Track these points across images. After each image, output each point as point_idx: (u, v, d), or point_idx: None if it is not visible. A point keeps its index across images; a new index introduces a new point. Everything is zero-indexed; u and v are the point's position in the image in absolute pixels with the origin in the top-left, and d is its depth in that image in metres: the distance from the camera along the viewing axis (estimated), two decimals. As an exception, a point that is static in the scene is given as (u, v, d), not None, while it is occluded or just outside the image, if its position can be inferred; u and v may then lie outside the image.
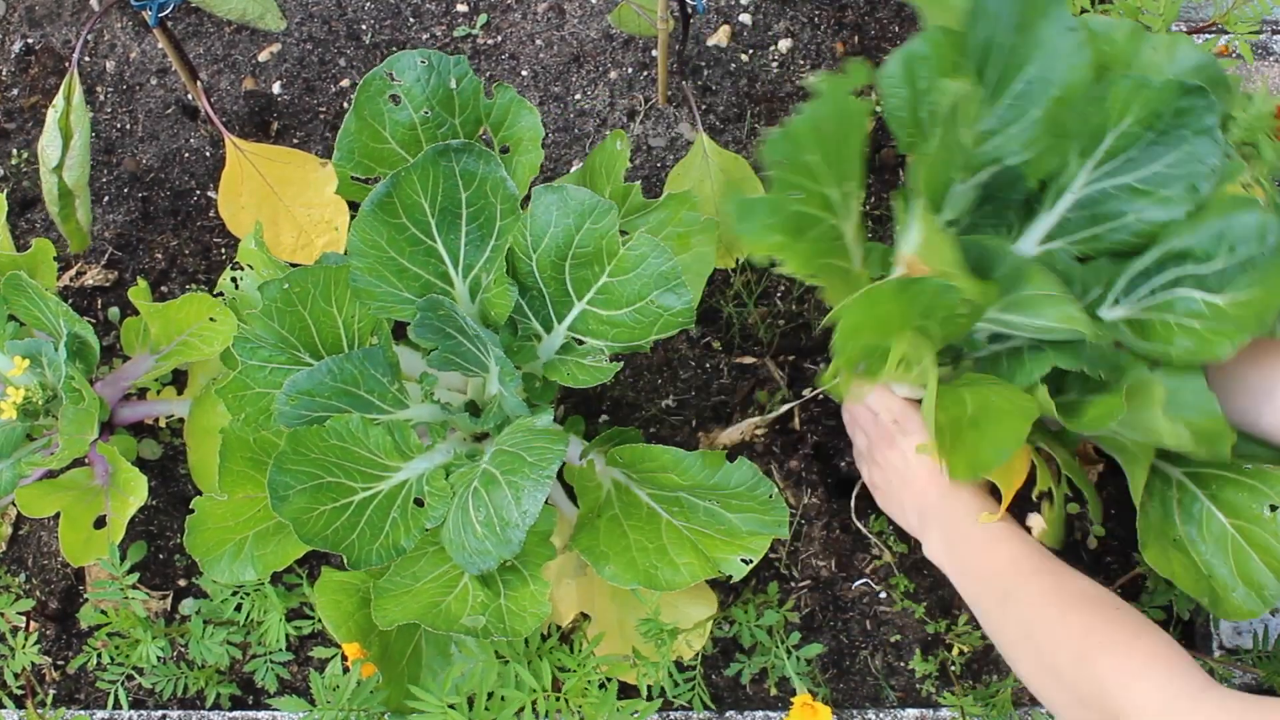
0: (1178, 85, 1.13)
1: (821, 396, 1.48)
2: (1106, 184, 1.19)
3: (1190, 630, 1.41)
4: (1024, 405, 1.09)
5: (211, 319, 1.34)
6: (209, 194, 1.68)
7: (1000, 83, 1.17)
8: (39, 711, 1.41)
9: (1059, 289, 1.10)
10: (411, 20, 1.76)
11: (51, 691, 1.48)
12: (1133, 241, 1.17)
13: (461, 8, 1.76)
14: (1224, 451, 1.10)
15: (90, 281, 1.65)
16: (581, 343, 1.22)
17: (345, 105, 1.70)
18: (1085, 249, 1.21)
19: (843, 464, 1.48)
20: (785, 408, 1.45)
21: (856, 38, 1.70)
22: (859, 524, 1.44)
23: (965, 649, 1.39)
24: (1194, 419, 1.11)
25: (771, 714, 1.38)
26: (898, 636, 1.43)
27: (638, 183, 1.33)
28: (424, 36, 1.75)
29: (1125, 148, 1.17)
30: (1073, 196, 1.20)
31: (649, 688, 1.25)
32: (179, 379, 1.56)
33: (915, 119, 1.18)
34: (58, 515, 1.35)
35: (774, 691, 1.41)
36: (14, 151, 1.74)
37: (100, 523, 1.36)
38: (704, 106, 1.66)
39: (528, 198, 1.21)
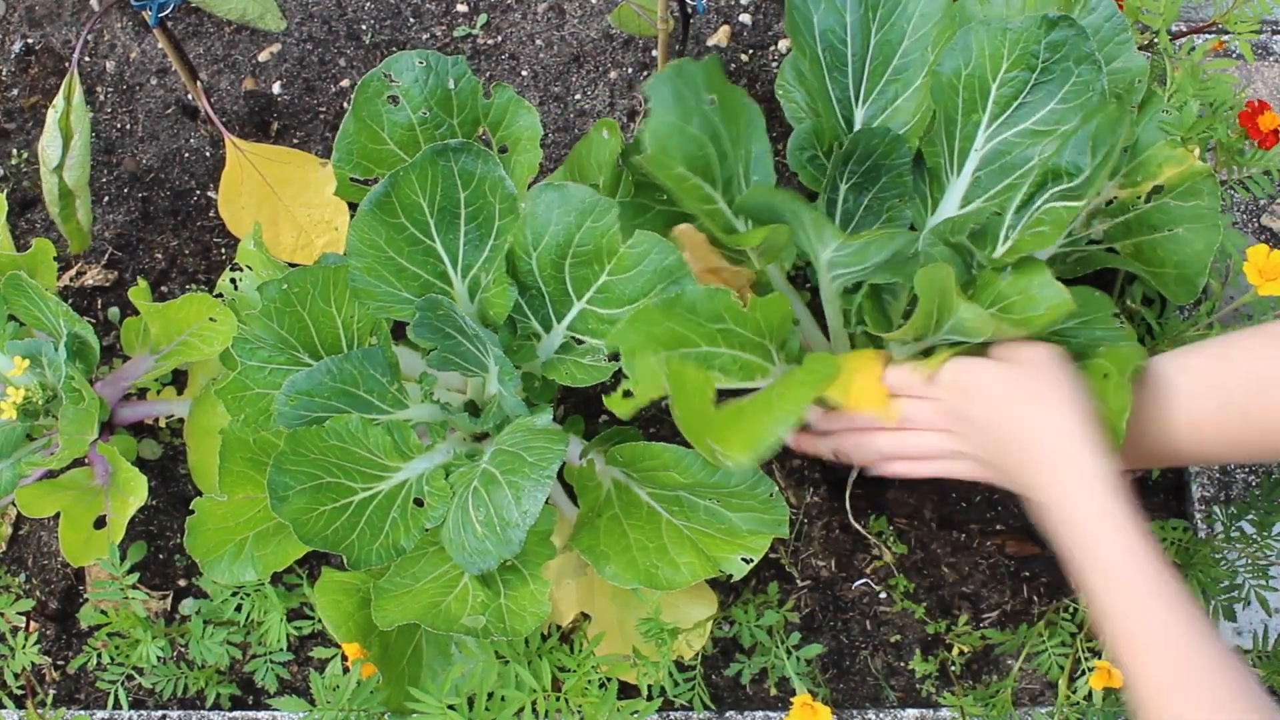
0: (1040, 20, 1.12)
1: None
2: (1007, 134, 1.19)
3: (1191, 630, 1.40)
4: (825, 369, 1.01)
5: (211, 319, 1.34)
6: (209, 194, 1.68)
7: (879, 66, 1.26)
8: (39, 711, 1.41)
9: (813, 213, 1.06)
10: (411, 20, 1.76)
11: (51, 691, 1.48)
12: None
13: (461, 8, 1.76)
14: (1058, 321, 1.06)
15: (90, 281, 1.65)
16: (581, 342, 1.22)
17: (345, 105, 1.70)
18: (1004, 202, 1.20)
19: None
20: None
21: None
22: (857, 524, 1.44)
23: (965, 649, 1.39)
24: (1038, 312, 1.05)
25: (771, 714, 1.38)
26: (898, 636, 1.43)
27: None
28: (424, 36, 1.75)
29: (1013, 96, 1.16)
30: (978, 155, 1.20)
31: (649, 687, 1.25)
32: (179, 379, 1.56)
33: (815, 112, 1.26)
34: (58, 515, 1.35)
35: (774, 691, 1.41)
36: (14, 151, 1.74)
37: (100, 523, 1.36)
38: (704, 106, 1.66)
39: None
